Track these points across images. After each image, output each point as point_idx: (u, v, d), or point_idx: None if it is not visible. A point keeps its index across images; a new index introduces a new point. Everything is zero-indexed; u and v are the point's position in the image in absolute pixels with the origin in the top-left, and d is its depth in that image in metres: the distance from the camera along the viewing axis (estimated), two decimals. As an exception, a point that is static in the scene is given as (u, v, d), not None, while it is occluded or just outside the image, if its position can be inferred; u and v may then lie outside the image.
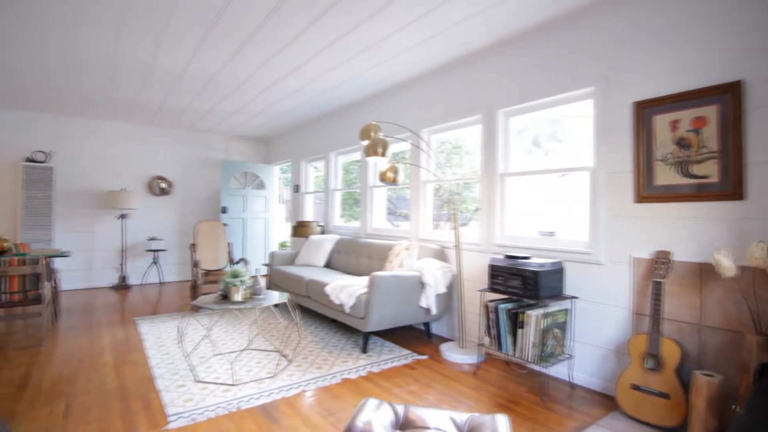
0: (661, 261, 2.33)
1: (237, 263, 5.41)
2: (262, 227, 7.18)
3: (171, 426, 2.18)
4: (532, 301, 2.76)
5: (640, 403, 2.28)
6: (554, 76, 2.98)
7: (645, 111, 2.49)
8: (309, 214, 6.60)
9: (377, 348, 3.42)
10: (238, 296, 2.97)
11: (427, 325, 3.72)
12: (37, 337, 3.69)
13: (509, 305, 2.80)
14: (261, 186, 7.15)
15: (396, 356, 3.24)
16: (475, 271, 3.52)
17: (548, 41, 3.01)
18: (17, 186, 5.53)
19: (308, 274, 4.25)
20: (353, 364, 3.06)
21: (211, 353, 3.26)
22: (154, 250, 6.45)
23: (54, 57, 3.68)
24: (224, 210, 6.71)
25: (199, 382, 2.72)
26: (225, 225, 5.81)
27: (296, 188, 6.65)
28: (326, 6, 2.73)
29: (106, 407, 2.39)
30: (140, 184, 6.52)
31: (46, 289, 3.67)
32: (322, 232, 5.75)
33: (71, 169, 5.96)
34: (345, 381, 2.79)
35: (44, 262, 3.62)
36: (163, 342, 3.55)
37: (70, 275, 5.88)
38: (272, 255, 5.09)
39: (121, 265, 6.27)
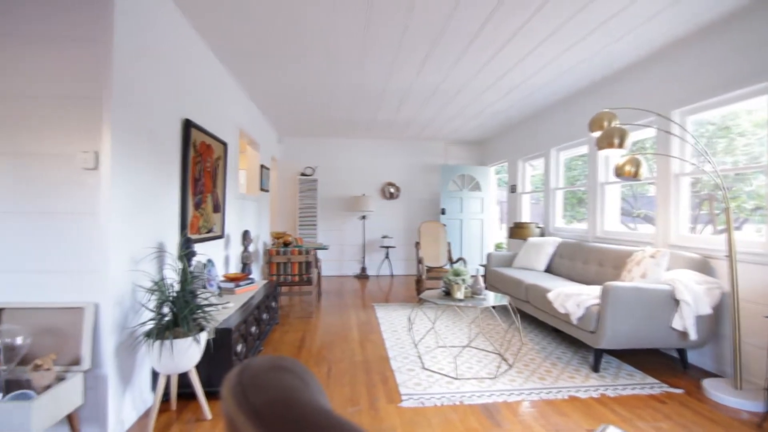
0: None
1: (456, 262, 5.66)
2: (478, 228, 7.31)
3: (404, 405, 2.45)
4: None
5: None
6: None
7: None
8: (526, 215, 6.33)
9: (612, 369, 2.99)
10: (459, 294, 3.10)
11: (681, 352, 3.03)
12: (308, 311, 4.75)
13: (826, 343, 2.00)
14: (477, 188, 7.28)
15: (637, 383, 2.75)
16: (759, 290, 2.65)
17: None
18: (295, 194, 7.31)
19: (528, 278, 4.08)
20: (582, 382, 2.76)
21: (435, 344, 3.51)
22: (385, 247, 7.46)
23: (315, 93, 4.68)
24: (443, 211, 7.13)
25: (426, 369, 2.96)
26: (444, 225, 6.17)
27: (512, 188, 6.49)
28: (550, -7, 2.56)
29: (354, 376, 2.88)
30: (375, 190, 7.63)
31: (314, 274, 4.70)
32: (542, 234, 5.42)
33: (328, 179, 7.48)
34: (572, 399, 2.54)
35: (313, 253, 4.64)
36: (395, 328, 4.03)
37: (327, 264, 7.36)
38: (489, 256, 5.11)
39: (362, 258, 7.47)
